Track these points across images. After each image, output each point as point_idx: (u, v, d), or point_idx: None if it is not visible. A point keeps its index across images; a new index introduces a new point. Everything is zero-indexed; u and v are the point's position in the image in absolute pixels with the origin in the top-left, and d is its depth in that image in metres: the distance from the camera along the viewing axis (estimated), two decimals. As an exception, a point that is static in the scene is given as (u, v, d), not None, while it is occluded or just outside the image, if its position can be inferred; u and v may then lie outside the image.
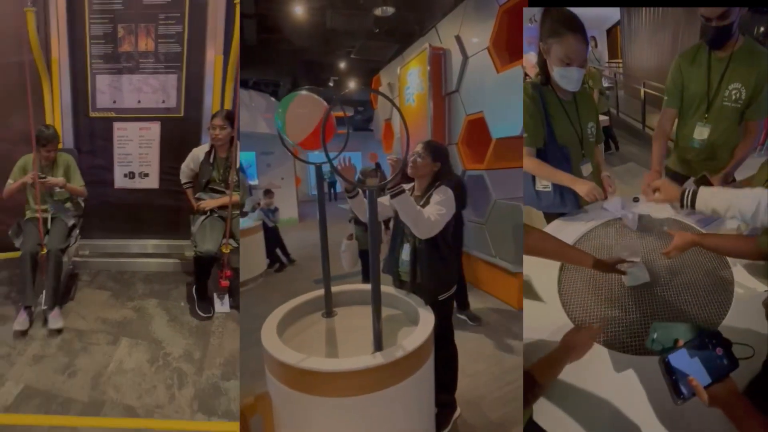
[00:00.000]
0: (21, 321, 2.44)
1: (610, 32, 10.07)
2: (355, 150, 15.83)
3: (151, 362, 2.32)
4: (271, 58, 8.00)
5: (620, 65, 9.05)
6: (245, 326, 2.21)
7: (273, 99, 10.14)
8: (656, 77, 6.58)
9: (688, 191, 1.45)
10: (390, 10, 5.56)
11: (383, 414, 1.58)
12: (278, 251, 5.95)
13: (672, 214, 1.98)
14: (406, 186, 2.04)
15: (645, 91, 6.54)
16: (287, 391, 1.57)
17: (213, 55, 2.85)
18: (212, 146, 2.69)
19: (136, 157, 3.05)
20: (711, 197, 1.41)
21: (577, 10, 1.89)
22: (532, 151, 2.10)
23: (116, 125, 3.00)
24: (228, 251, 2.61)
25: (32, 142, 2.50)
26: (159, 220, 3.14)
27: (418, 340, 1.62)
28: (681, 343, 0.98)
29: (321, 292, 2.08)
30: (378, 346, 1.63)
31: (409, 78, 5.57)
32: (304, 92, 1.94)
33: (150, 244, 3.17)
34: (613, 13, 9.07)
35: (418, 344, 1.59)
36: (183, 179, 2.84)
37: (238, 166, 2.63)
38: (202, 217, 2.66)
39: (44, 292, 2.52)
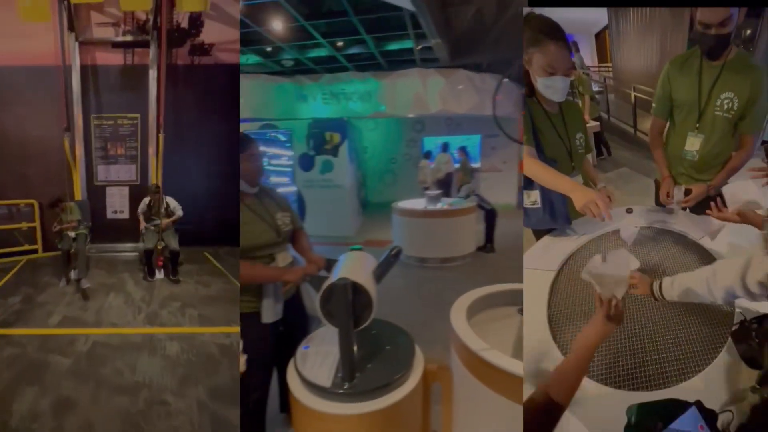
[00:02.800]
0: (62, 284, 5.36)
1: (599, 36, 9.94)
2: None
3: (125, 302, 5.23)
4: (501, 38, 6.98)
5: (609, 69, 8.97)
6: (444, 297, 2.21)
7: (506, 80, 8.80)
8: (646, 80, 6.54)
9: (657, 284, 1.41)
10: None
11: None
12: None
13: (676, 228, 1.89)
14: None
15: (635, 95, 6.52)
16: (463, 370, 1.60)
17: (152, 153, 5.82)
18: (150, 198, 5.61)
19: (117, 203, 6.06)
20: (672, 286, 1.36)
21: (566, 14, 1.72)
22: (532, 151, 1.96)
23: (108, 189, 6.04)
24: (160, 248, 5.55)
25: (66, 201, 5.45)
26: (129, 234, 6.12)
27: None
28: (660, 426, 0.92)
29: (521, 285, 1.98)
30: None
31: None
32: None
33: (125, 246, 6.13)
34: (601, 17, 8.82)
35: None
36: (139, 212, 5.75)
37: (168, 219, 5.54)
38: (146, 231, 5.59)
39: (75, 269, 5.45)
